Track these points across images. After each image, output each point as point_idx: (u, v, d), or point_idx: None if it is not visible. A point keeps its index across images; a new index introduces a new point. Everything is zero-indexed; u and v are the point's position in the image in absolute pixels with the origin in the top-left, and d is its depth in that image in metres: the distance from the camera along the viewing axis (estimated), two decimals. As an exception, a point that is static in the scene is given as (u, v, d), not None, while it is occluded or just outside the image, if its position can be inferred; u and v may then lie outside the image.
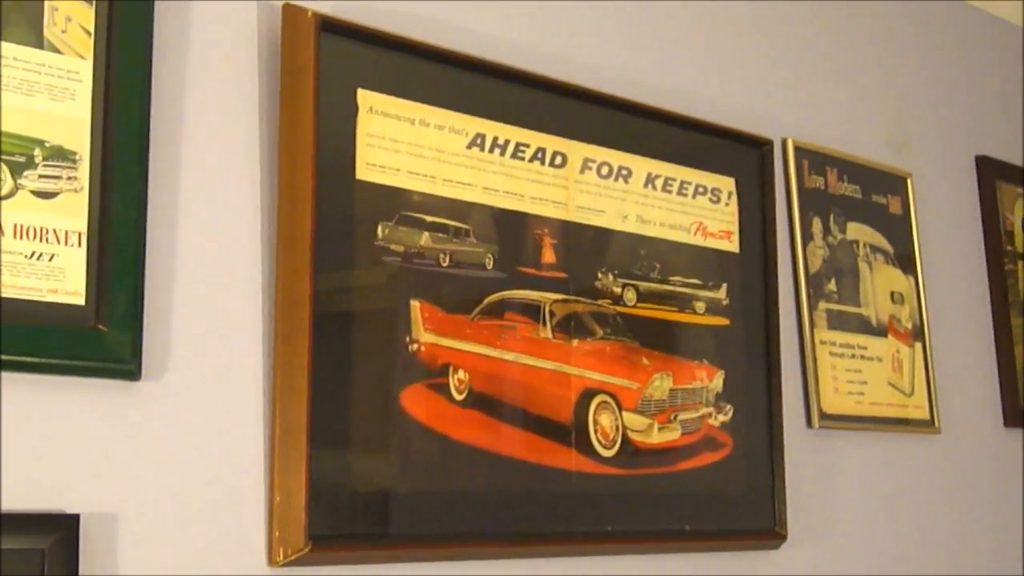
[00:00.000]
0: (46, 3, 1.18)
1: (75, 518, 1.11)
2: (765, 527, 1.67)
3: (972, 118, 2.24)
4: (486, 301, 1.43)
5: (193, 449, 1.21)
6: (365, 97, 1.37)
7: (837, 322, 1.86)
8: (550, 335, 1.48)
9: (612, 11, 1.69)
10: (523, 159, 1.50)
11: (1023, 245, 2.24)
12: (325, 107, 1.32)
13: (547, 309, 1.48)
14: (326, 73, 1.32)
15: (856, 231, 1.95)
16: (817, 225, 1.88)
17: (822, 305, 1.85)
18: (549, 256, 1.50)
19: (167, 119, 1.25)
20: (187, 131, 1.27)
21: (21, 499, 1.11)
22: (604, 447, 1.50)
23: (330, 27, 1.33)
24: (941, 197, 2.13)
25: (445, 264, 1.40)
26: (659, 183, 1.64)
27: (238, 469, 1.24)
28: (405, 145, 1.39)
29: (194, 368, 1.23)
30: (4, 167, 1.13)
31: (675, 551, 1.58)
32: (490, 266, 1.44)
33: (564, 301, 1.50)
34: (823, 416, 1.80)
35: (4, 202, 1.12)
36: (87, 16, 1.20)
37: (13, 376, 1.12)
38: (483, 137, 1.46)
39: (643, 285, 1.59)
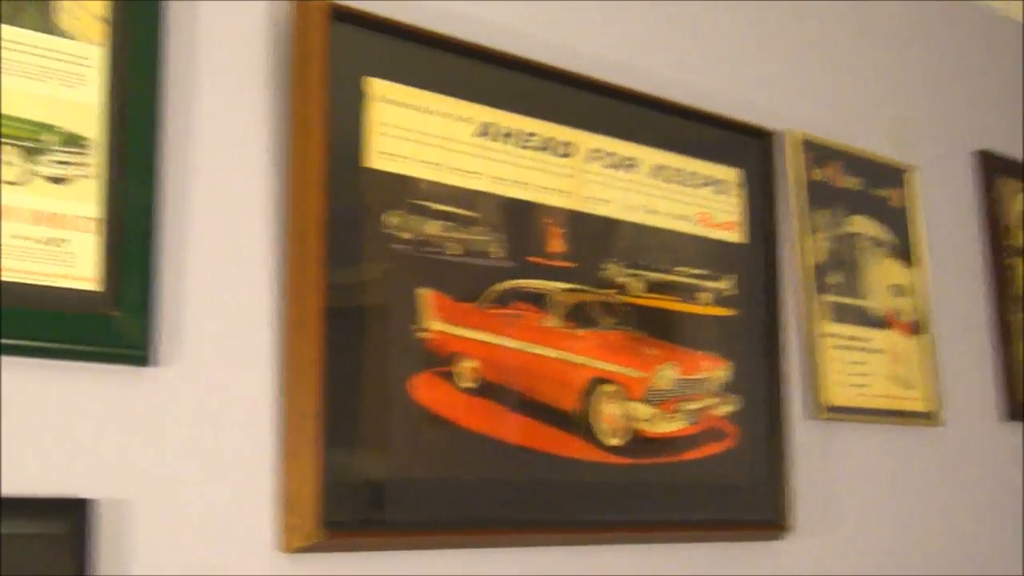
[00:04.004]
0: (58, -11, 1.18)
1: (91, 503, 1.11)
2: (769, 518, 1.67)
3: (973, 113, 2.25)
4: (494, 290, 1.43)
5: (205, 435, 1.22)
6: (374, 85, 1.37)
7: (840, 314, 1.87)
8: (557, 324, 1.48)
9: (618, 3, 1.69)
10: (530, 148, 1.50)
11: (1023, 240, 2.24)
12: (335, 95, 1.32)
13: (554, 298, 1.48)
14: (336, 61, 1.33)
15: (859, 223, 1.95)
16: (820, 217, 1.88)
17: (825, 297, 1.85)
18: (556, 245, 1.50)
19: (179, 106, 1.25)
20: (199, 118, 1.27)
21: (34, 484, 1.11)
22: (610, 436, 1.50)
23: (340, 15, 1.34)
24: (942, 191, 2.14)
25: (453, 253, 1.40)
26: (665, 173, 1.65)
27: (250, 456, 1.24)
28: (413, 133, 1.39)
29: (206, 355, 1.23)
30: (17, 153, 1.13)
31: (679, 541, 1.59)
32: (498, 255, 1.44)
33: (571, 290, 1.50)
34: (826, 408, 1.80)
35: (18, 188, 1.12)
36: (98, 2, 1.20)
37: (26, 361, 1.12)
38: (491, 126, 1.47)
39: (649, 275, 1.60)
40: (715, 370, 1.65)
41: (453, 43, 1.44)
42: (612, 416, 1.51)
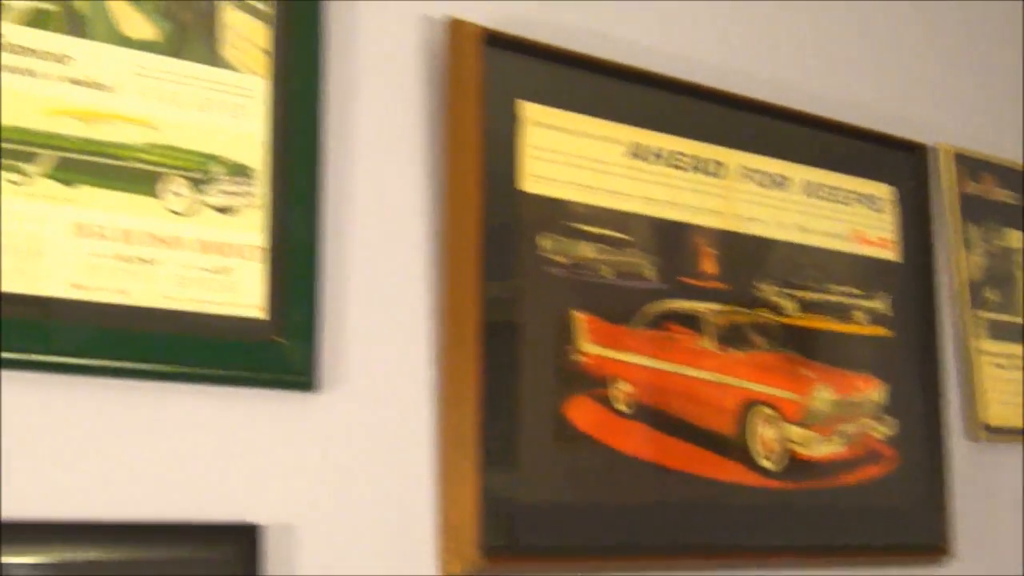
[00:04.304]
0: (221, 22, 1.20)
1: (258, 528, 1.12)
2: (929, 542, 1.63)
3: None
4: (647, 312, 1.42)
5: (367, 459, 1.22)
6: (527, 109, 1.37)
7: (997, 332, 1.81)
8: (711, 346, 1.46)
9: (766, 19, 1.67)
10: (681, 168, 1.49)
11: None
12: (488, 119, 1.32)
13: (708, 320, 1.46)
14: (489, 86, 1.33)
15: (1014, 238, 1.89)
16: (975, 232, 1.83)
17: (982, 314, 1.80)
18: (709, 266, 1.48)
19: (338, 134, 1.27)
20: (356, 145, 1.28)
21: (202, 510, 1.13)
22: (767, 460, 1.48)
23: (493, 40, 1.34)
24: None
25: (606, 275, 1.39)
26: (817, 190, 1.62)
27: (410, 480, 1.25)
28: (566, 156, 1.39)
29: (367, 379, 1.24)
30: (185, 184, 1.15)
31: (836, 566, 1.55)
32: (651, 277, 1.43)
33: (724, 311, 1.48)
34: (984, 428, 1.75)
35: (186, 218, 1.15)
36: (261, 34, 1.23)
37: (195, 388, 1.14)
38: (642, 147, 1.46)
39: (803, 295, 1.57)
40: (871, 391, 1.61)
41: (603, 65, 1.44)
42: (768, 439, 1.48)
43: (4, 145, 1.07)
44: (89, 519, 1.07)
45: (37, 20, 1.11)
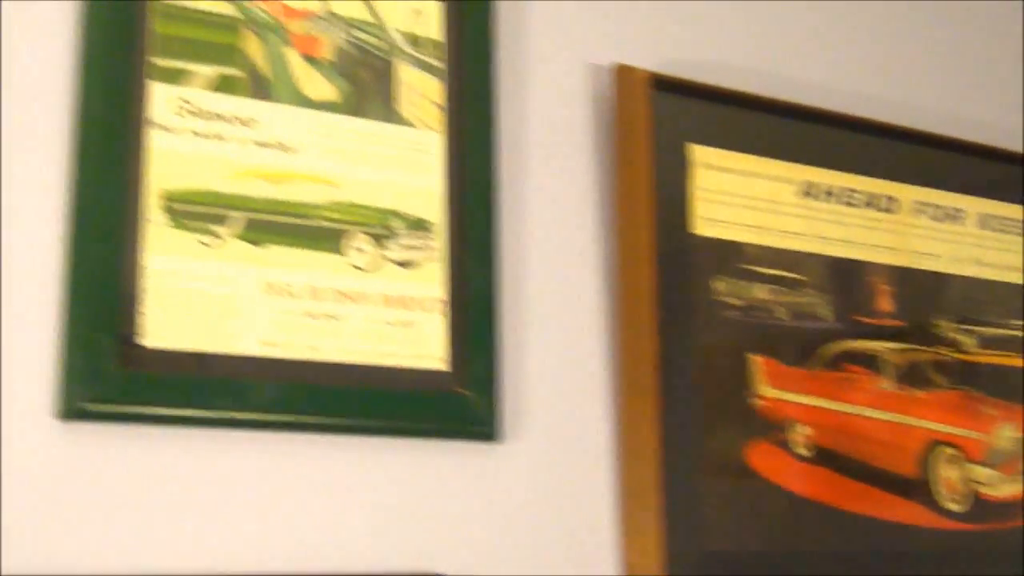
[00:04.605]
0: (397, 79, 1.23)
1: (448, 580, 1.13)
2: (1123, 585, 1.56)
3: None
4: (824, 353, 1.39)
5: (549, 509, 1.22)
6: (697, 152, 1.36)
7: None
8: (890, 386, 1.43)
9: (931, 51, 1.64)
10: (854, 205, 1.46)
11: None
12: (659, 164, 1.32)
13: (886, 359, 1.43)
14: (658, 130, 1.33)
15: None
16: None
17: None
18: (885, 304, 1.45)
19: (511, 184, 1.28)
20: (529, 194, 1.29)
21: (387, 560, 1.14)
22: (952, 501, 1.43)
23: (661, 84, 1.34)
24: None
25: (782, 316, 1.37)
26: (992, 223, 1.58)
27: (591, 529, 1.24)
28: (737, 198, 1.38)
29: (547, 429, 1.24)
30: (368, 240, 1.17)
31: (1025, 610, 1.50)
32: (826, 316, 1.40)
33: (903, 350, 1.45)
34: None
35: (369, 273, 1.17)
36: (435, 90, 1.24)
37: (381, 440, 1.15)
38: (813, 185, 1.43)
39: (982, 330, 1.52)
40: (1056, 428, 1.56)
41: (770, 104, 1.42)
42: (951, 480, 1.44)
43: (196, 208, 1.10)
44: (278, 572, 1.09)
45: (223, 85, 1.14)
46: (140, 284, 1.06)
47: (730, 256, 1.36)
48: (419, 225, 1.20)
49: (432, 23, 1.26)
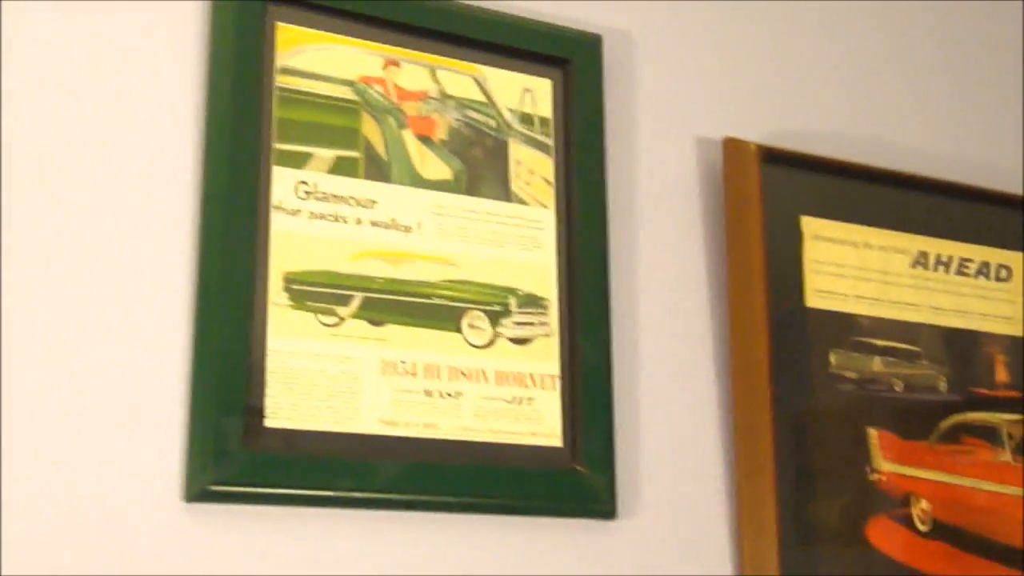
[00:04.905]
0: (509, 158, 1.24)
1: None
2: None
3: None
4: (942, 426, 1.37)
5: (667, 588, 1.21)
6: (808, 223, 1.35)
7: None
8: (1010, 458, 1.40)
9: (1039, 113, 1.62)
10: (967, 275, 1.44)
11: None
12: (770, 236, 1.31)
13: (1005, 431, 1.40)
14: (769, 203, 1.32)
15: None
16: None
17: None
18: (1002, 375, 1.43)
19: (622, 258, 1.28)
20: (640, 267, 1.29)
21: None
22: (1076, 577, 1.39)
23: (770, 157, 1.33)
24: None
25: (898, 389, 1.35)
26: (1109, 290, 1.55)
27: (710, 607, 1.23)
28: (850, 269, 1.37)
29: (664, 505, 1.23)
30: (485, 317, 1.18)
31: None
32: (943, 389, 1.38)
33: (1021, 422, 1.42)
34: None
35: (486, 350, 1.17)
36: (547, 167, 1.25)
37: (499, 518, 1.15)
38: (926, 255, 1.42)
39: (1102, 400, 1.49)
40: None
41: (880, 174, 1.41)
42: (1076, 555, 1.40)
43: (317, 289, 1.11)
44: (406, 653, 1.09)
45: (341, 167, 1.16)
46: (264, 365, 1.08)
47: (844, 328, 1.34)
48: (533, 301, 1.21)
49: (542, 100, 1.27)
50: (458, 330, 1.17)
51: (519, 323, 1.19)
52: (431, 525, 1.12)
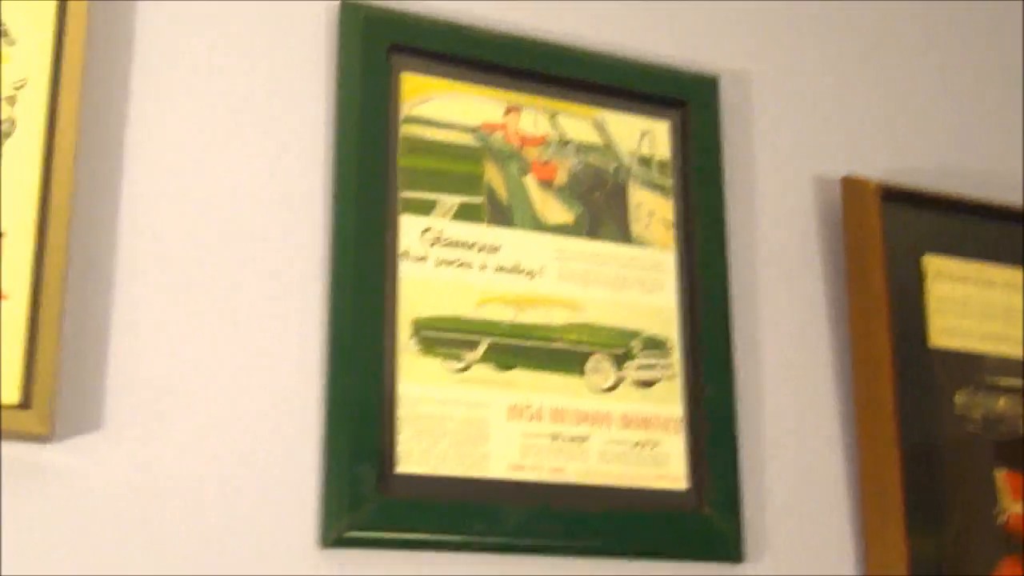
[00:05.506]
0: (629, 201, 1.24)
1: None
2: None
3: None
4: (1071, 465, 1.34)
5: (795, 632, 1.20)
6: (930, 262, 1.34)
7: None
8: None
9: None
10: (1094, 311, 1.42)
11: None
12: (892, 276, 1.30)
13: None
14: (890, 241, 1.31)
15: None
16: None
17: None
18: None
19: (743, 299, 1.28)
20: (761, 308, 1.29)
21: None
22: None
23: (891, 195, 1.32)
24: None
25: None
26: None
27: (839, 652, 1.21)
28: (973, 307, 1.35)
29: (791, 548, 1.22)
30: (609, 360, 1.18)
31: None
32: (1071, 427, 1.36)
33: None
34: None
35: (610, 394, 1.17)
36: (666, 209, 1.26)
37: (626, 562, 1.15)
38: (1050, 291, 1.40)
39: None
40: None
41: (1001, 210, 1.39)
42: None
43: (444, 335, 1.12)
44: None
45: (465, 213, 1.17)
46: (394, 411, 1.09)
47: (969, 367, 1.32)
48: (656, 344, 1.21)
49: (660, 142, 1.28)
50: (582, 374, 1.17)
51: (643, 366, 1.19)
52: (560, 569, 1.12)
